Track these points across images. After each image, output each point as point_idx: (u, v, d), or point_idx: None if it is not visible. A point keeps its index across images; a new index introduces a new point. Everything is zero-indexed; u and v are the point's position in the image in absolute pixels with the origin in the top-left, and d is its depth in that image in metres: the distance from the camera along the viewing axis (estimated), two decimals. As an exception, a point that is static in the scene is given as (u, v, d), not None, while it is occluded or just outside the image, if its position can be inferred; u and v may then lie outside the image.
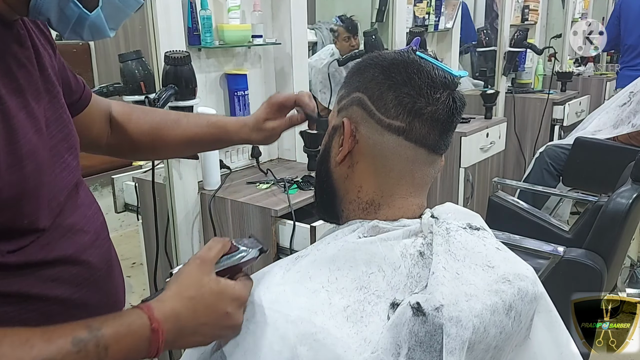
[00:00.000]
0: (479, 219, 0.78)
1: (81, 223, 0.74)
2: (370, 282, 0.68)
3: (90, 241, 0.75)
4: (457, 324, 0.62)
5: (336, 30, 3.16)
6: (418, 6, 2.91)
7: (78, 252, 0.72)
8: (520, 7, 3.93)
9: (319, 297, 0.67)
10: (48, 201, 0.69)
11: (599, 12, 5.24)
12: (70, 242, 0.71)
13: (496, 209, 2.25)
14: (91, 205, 0.80)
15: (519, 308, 0.67)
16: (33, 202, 0.66)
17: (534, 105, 3.70)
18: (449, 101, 0.72)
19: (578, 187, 2.96)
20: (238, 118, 1.03)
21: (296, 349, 0.64)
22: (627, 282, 2.67)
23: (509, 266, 0.70)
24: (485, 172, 2.94)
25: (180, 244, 1.79)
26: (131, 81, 1.68)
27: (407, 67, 0.73)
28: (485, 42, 3.76)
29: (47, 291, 0.67)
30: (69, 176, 0.75)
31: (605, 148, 2.85)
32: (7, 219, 0.62)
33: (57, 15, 0.66)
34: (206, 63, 1.88)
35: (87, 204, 0.78)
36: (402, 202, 0.75)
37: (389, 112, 0.72)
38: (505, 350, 0.69)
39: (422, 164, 0.75)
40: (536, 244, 1.60)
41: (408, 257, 0.69)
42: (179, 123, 1.00)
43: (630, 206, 1.66)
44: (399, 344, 0.63)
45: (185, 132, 0.99)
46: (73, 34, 0.69)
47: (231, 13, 1.83)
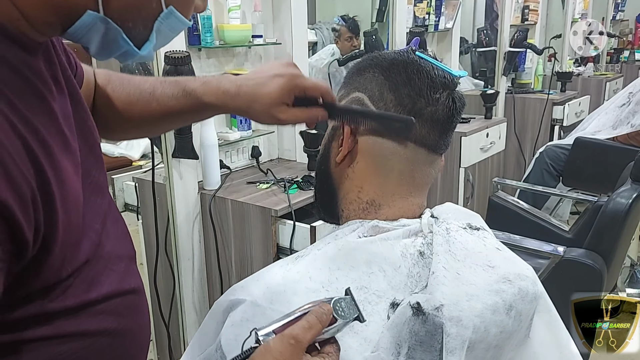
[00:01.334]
0: (479, 219, 0.78)
1: (116, 248, 0.67)
2: (371, 282, 0.68)
3: (125, 267, 0.68)
4: (458, 324, 0.62)
5: (338, 30, 3.16)
6: (418, 6, 2.91)
7: (119, 283, 0.65)
8: (520, 7, 3.93)
9: (320, 297, 0.67)
10: (87, 233, 0.60)
11: (599, 12, 5.24)
12: (111, 273, 0.64)
13: (496, 209, 2.26)
14: (117, 220, 0.69)
15: (519, 308, 0.68)
16: (76, 245, 0.58)
17: (534, 106, 3.70)
18: (449, 101, 0.72)
19: (578, 187, 2.96)
20: (221, 84, 0.79)
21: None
22: (627, 282, 2.67)
23: (509, 266, 0.70)
24: (485, 172, 2.94)
25: (180, 244, 1.79)
26: (131, 81, 1.68)
27: (407, 67, 0.73)
28: (485, 42, 3.76)
29: (95, 326, 0.62)
30: (101, 199, 0.66)
31: (605, 148, 2.86)
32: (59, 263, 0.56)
33: (99, 46, 0.57)
34: (206, 63, 1.88)
35: (113, 219, 0.68)
36: (403, 202, 0.75)
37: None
38: (505, 349, 0.69)
39: (422, 163, 0.75)
40: (536, 244, 1.61)
41: (408, 256, 0.69)
42: (154, 94, 0.83)
43: (630, 206, 1.67)
44: (399, 343, 0.63)
45: (160, 105, 0.83)
46: (111, 58, 0.61)
47: (231, 13, 1.83)
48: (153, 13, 0.58)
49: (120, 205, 2.07)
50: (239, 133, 1.96)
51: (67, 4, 0.53)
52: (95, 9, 0.54)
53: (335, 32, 3.22)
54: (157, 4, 0.57)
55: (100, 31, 0.55)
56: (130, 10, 0.56)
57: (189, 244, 1.83)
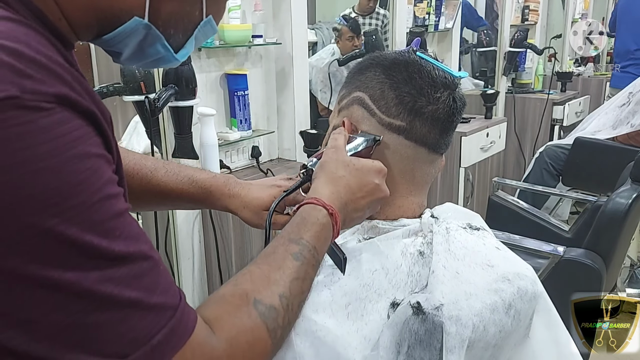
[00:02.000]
0: (479, 219, 0.78)
1: None
2: (374, 280, 0.68)
3: None
4: (457, 323, 0.62)
5: (340, 30, 3.16)
6: (418, 6, 2.91)
7: None
8: (520, 7, 3.94)
9: (321, 296, 0.68)
10: None
11: (599, 12, 5.24)
12: None
13: (496, 209, 2.26)
14: None
15: (518, 307, 0.68)
16: None
17: (534, 106, 3.70)
18: (450, 101, 0.73)
19: (578, 187, 2.96)
20: (227, 183, 0.84)
21: (297, 346, 0.64)
22: (627, 282, 2.66)
23: (508, 265, 0.70)
24: (485, 172, 2.94)
25: (180, 244, 1.80)
26: (131, 81, 1.68)
27: (408, 66, 0.73)
28: (485, 42, 3.76)
29: None
30: None
31: (605, 148, 2.86)
32: None
33: (132, 51, 0.56)
34: (206, 63, 1.88)
35: None
36: (403, 201, 0.76)
37: (390, 111, 0.72)
38: (504, 349, 0.69)
39: (423, 163, 0.75)
40: (536, 243, 1.60)
41: (408, 255, 0.70)
42: (155, 172, 0.82)
43: (629, 206, 1.67)
44: (399, 342, 0.63)
45: (160, 185, 0.82)
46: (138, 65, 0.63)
47: (232, 13, 1.83)
48: (195, 21, 0.58)
49: (121, 205, 2.07)
50: (239, 133, 1.96)
51: (113, 9, 0.52)
52: (141, 16, 0.53)
53: (336, 32, 3.22)
54: (199, 12, 0.58)
55: (139, 37, 0.55)
56: (175, 17, 0.57)
57: (189, 244, 1.83)
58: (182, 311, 0.48)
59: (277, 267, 0.58)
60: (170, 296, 0.48)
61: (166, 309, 0.47)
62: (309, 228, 0.62)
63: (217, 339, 0.50)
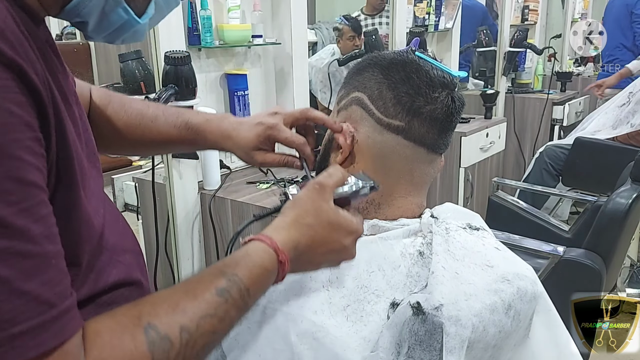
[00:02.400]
0: (479, 219, 0.78)
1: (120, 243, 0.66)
2: (371, 281, 0.68)
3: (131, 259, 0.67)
4: (457, 323, 0.62)
5: (341, 29, 3.16)
6: (418, 6, 2.91)
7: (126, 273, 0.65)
8: (520, 7, 3.93)
9: (320, 297, 0.68)
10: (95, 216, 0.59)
11: (598, 12, 5.23)
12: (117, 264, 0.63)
13: (496, 209, 2.25)
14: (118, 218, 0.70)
15: (518, 307, 0.68)
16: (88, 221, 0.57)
17: (534, 105, 3.70)
18: (448, 100, 0.73)
19: (577, 187, 2.96)
20: (221, 124, 0.87)
21: (296, 348, 0.64)
22: (627, 282, 2.66)
23: (508, 266, 0.70)
24: (485, 172, 2.94)
25: (180, 244, 1.80)
26: (131, 81, 1.68)
27: (405, 66, 0.73)
28: (485, 42, 3.76)
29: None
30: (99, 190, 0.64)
31: (605, 148, 2.86)
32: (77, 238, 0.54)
33: (97, 19, 0.57)
34: (206, 63, 1.88)
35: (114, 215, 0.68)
36: (402, 201, 0.76)
37: (388, 111, 0.72)
38: (504, 349, 0.69)
39: (422, 163, 0.75)
40: (536, 243, 1.60)
41: (407, 256, 0.70)
42: (156, 121, 0.87)
43: (629, 206, 1.66)
44: (399, 343, 0.63)
45: (161, 133, 0.87)
46: (106, 38, 0.62)
47: (231, 13, 1.83)
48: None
49: (120, 205, 2.07)
50: (239, 133, 1.95)
51: None
52: None
53: (337, 32, 3.22)
54: None
55: (101, 4, 0.56)
56: None
57: (188, 243, 1.83)
58: (62, 313, 0.43)
59: (193, 296, 0.52)
60: (53, 293, 0.43)
61: (41, 303, 0.42)
62: (250, 268, 0.56)
63: (86, 356, 0.44)
